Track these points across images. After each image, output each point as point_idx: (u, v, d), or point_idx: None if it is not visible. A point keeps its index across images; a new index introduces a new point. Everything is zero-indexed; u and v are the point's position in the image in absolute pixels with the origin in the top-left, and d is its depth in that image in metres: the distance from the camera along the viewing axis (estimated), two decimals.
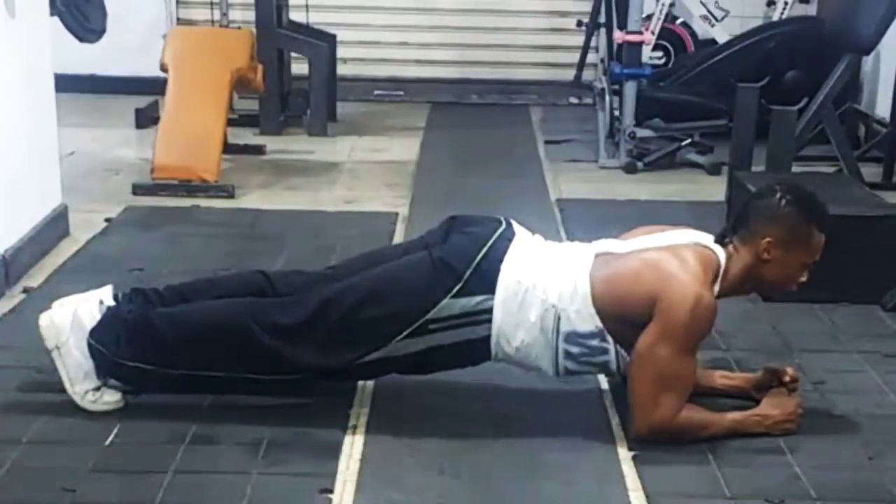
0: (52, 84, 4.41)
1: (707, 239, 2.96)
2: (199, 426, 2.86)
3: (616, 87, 6.13)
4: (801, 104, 5.51)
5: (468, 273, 2.85)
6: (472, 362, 2.97)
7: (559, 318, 2.85)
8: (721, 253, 2.91)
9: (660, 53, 7.43)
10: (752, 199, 3.07)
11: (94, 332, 2.90)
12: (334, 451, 2.77)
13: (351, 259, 3.19)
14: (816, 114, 5.36)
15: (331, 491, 2.60)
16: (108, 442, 2.78)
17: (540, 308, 2.85)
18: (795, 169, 4.84)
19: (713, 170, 5.86)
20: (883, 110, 6.20)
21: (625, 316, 2.83)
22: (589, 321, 2.84)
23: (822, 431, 2.97)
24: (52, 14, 4.56)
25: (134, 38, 7.17)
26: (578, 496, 2.63)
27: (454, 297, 2.84)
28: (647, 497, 2.63)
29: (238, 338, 2.88)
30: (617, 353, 2.88)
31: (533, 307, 2.85)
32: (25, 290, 3.85)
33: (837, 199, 4.13)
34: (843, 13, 5.62)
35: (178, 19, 8.03)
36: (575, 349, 2.87)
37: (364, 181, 5.67)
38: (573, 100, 7.93)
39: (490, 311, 2.85)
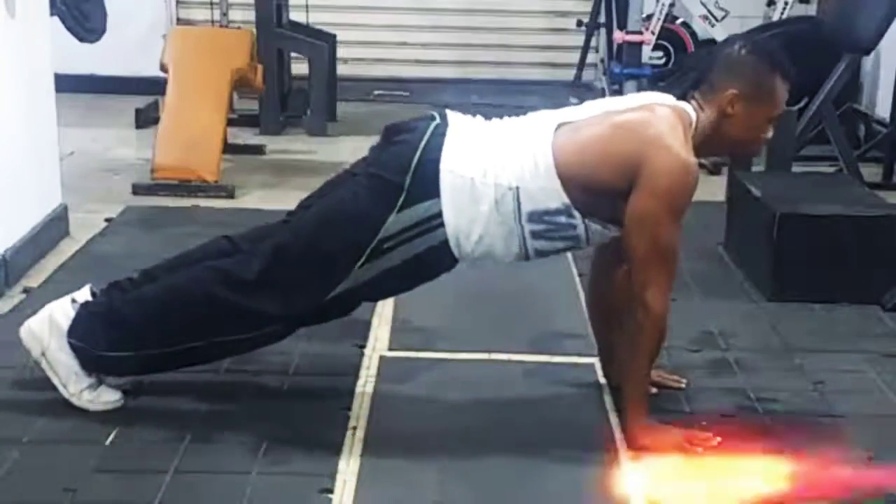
0: (52, 84, 4.41)
1: (671, 99, 2.86)
2: (199, 426, 2.86)
3: (616, 87, 6.13)
4: (801, 104, 5.51)
5: (407, 182, 2.74)
6: (439, 270, 2.86)
7: (519, 199, 2.73)
8: (691, 111, 2.82)
9: (660, 53, 7.43)
10: (713, 52, 2.98)
11: (72, 331, 2.89)
12: (334, 451, 2.77)
13: (303, 199, 3.06)
14: (816, 114, 5.37)
15: (331, 491, 2.60)
16: (108, 442, 2.78)
17: (493, 194, 2.73)
18: (795, 169, 4.84)
19: (713, 170, 5.86)
20: (883, 110, 6.20)
21: (596, 185, 2.73)
22: (554, 197, 2.73)
23: (822, 431, 2.96)
24: (52, 14, 4.56)
25: (134, 38, 7.18)
26: (578, 496, 2.63)
27: (399, 210, 2.74)
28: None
29: (203, 304, 2.83)
30: (586, 226, 2.78)
31: (484, 197, 2.73)
32: (25, 290, 3.85)
33: (837, 199, 4.15)
34: (842, 13, 5.62)
35: (178, 19, 8.03)
36: (540, 226, 2.76)
37: None
38: (573, 100, 7.91)
39: (440, 214, 2.74)
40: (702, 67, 2.91)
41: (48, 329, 2.90)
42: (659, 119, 2.75)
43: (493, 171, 2.75)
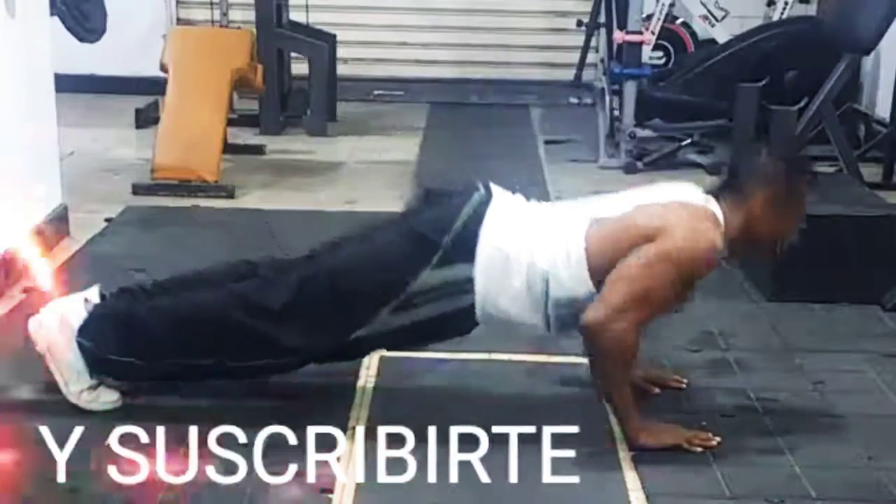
0: (52, 84, 4.41)
1: (701, 195, 2.91)
2: (199, 426, 2.85)
3: (616, 87, 6.13)
4: (801, 104, 5.52)
5: (446, 243, 2.81)
6: (459, 332, 2.93)
7: (548, 285, 2.80)
8: (718, 210, 2.87)
9: (660, 53, 7.44)
10: (738, 160, 3.05)
11: (82, 331, 2.90)
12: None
13: (330, 239, 3.10)
14: (816, 114, 5.36)
15: (331, 491, 2.60)
16: (107, 442, 2.78)
17: (526, 274, 2.80)
18: None
19: (713, 170, 5.86)
20: (883, 110, 6.21)
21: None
22: (582, 285, 2.79)
23: (822, 431, 2.97)
24: (52, 14, 4.56)
25: (134, 38, 7.18)
26: (578, 496, 2.63)
27: (434, 268, 2.80)
28: (647, 497, 2.62)
29: (222, 324, 2.87)
30: None
31: (517, 273, 2.80)
32: (25, 291, 3.85)
33: (837, 199, 4.14)
34: (842, 13, 5.62)
35: (178, 19, 8.03)
36: (566, 312, 2.82)
37: (364, 181, 5.67)
38: (573, 100, 7.93)
39: (471, 280, 2.80)
40: (731, 170, 2.99)
41: (58, 325, 2.91)
42: (684, 211, 2.82)
43: (528, 252, 2.81)
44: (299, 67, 7.05)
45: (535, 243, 2.83)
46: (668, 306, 2.84)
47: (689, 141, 6.13)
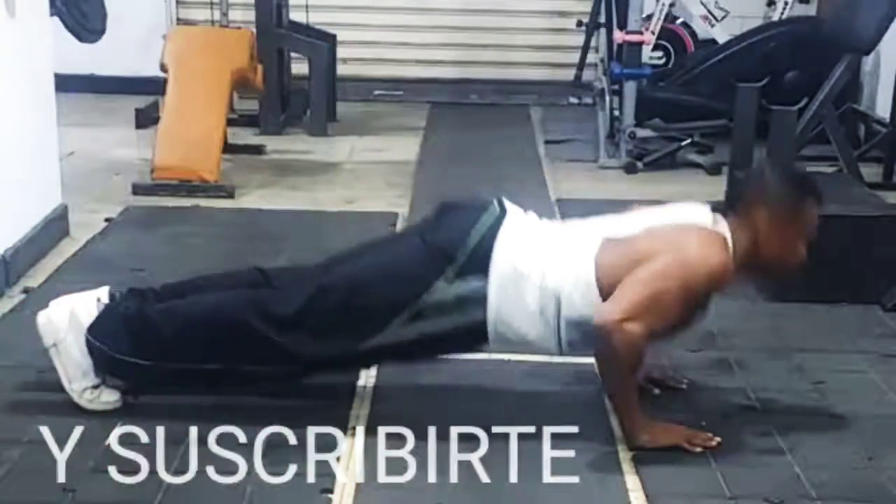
0: (52, 84, 4.41)
1: (709, 218, 2.92)
2: (199, 426, 2.85)
3: (616, 87, 6.13)
4: (801, 104, 5.51)
5: (461, 257, 2.83)
6: (469, 348, 2.96)
7: (560, 305, 2.82)
8: (727, 232, 2.88)
9: (660, 53, 7.43)
10: (742, 179, 3.05)
11: (92, 329, 2.90)
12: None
13: (345, 249, 3.13)
14: (816, 114, 5.36)
15: (331, 491, 2.60)
16: (107, 442, 2.78)
17: (538, 294, 2.82)
18: None
19: (713, 170, 5.86)
20: (883, 110, 6.20)
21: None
22: (593, 307, 2.80)
23: (822, 431, 2.97)
24: (52, 14, 4.56)
25: (134, 38, 7.17)
26: (578, 496, 2.63)
27: (449, 281, 2.82)
28: (647, 497, 2.63)
29: (234, 329, 2.88)
30: None
31: (530, 293, 2.82)
32: (25, 290, 3.85)
33: (837, 199, 4.14)
34: (842, 13, 5.62)
35: (178, 19, 8.03)
36: (577, 335, 2.85)
37: (364, 181, 5.67)
38: (573, 100, 7.93)
39: (485, 296, 2.82)
40: (737, 191, 3.01)
41: (68, 322, 2.91)
42: (695, 233, 2.84)
43: (540, 272, 2.82)
44: (299, 67, 7.05)
45: (547, 263, 2.84)
46: (680, 319, 2.84)
47: (689, 141, 6.13)
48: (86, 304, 2.94)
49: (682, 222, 2.91)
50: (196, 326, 2.92)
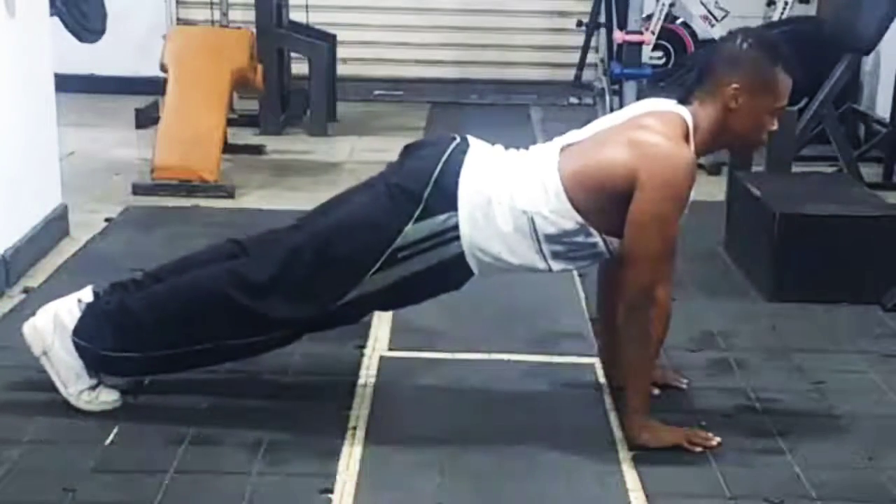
0: (52, 84, 4.41)
1: (667, 103, 2.88)
2: (199, 426, 2.86)
3: (616, 87, 6.13)
4: (802, 104, 5.51)
5: (426, 193, 2.78)
6: (455, 283, 2.90)
7: (534, 223, 2.78)
8: (685, 112, 2.83)
9: (660, 53, 7.43)
10: (715, 48, 2.99)
11: (77, 331, 2.90)
12: (334, 452, 2.77)
13: (315, 207, 3.08)
14: (816, 114, 5.37)
15: (331, 491, 2.60)
16: (108, 442, 2.78)
17: (509, 215, 2.77)
18: (795, 169, 4.84)
19: (713, 170, 5.86)
20: (883, 110, 6.20)
21: (605, 203, 2.75)
22: (568, 218, 2.77)
23: (822, 431, 2.97)
24: (52, 14, 4.56)
25: (134, 38, 7.18)
26: (578, 496, 2.63)
27: (417, 220, 2.77)
28: (647, 497, 2.62)
29: (213, 305, 2.85)
30: (605, 241, 2.80)
31: (500, 215, 2.77)
32: (25, 290, 3.85)
33: (837, 199, 4.15)
34: (843, 13, 5.62)
35: (178, 19, 8.04)
36: (560, 248, 2.81)
37: None
38: (573, 100, 7.93)
39: (456, 227, 2.77)
40: (704, 62, 2.92)
41: (52, 327, 2.91)
42: (646, 126, 2.78)
43: (508, 194, 2.79)
44: (299, 67, 7.05)
45: (513, 183, 2.80)
46: (676, 240, 2.81)
47: None
48: (68, 307, 2.93)
49: (633, 115, 2.86)
50: (175, 309, 2.88)
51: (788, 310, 3.82)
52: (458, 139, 2.92)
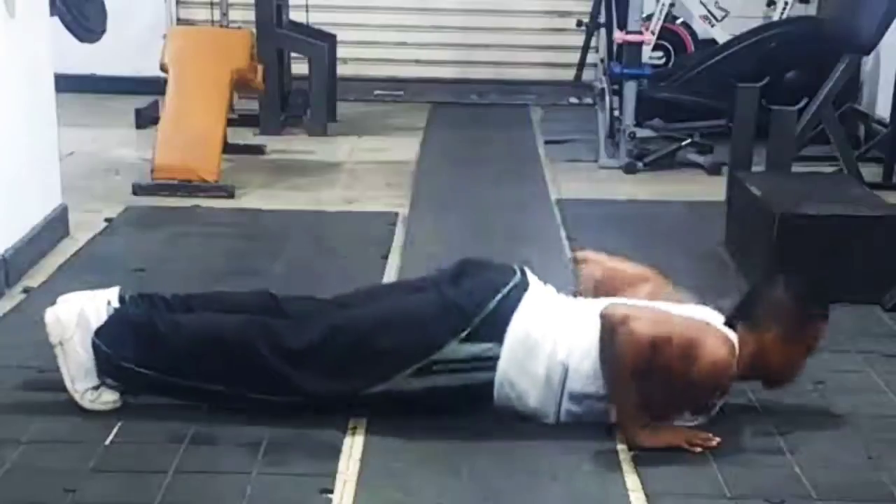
0: (52, 84, 4.41)
1: (718, 320, 2.95)
2: (199, 426, 2.86)
3: (616, 87, 6.13)
4: (801, 104, 5.51)
5: (478, 319, 2.85)
6: (473, 406, 2.94)
7: (567, 374, 2.85)
8: (735, 338, 2.89)
9: (660, 53, 7.43)
10: (757, 289, 3.08)
11: (100, 332, 2.90)
12: (334, 452, 2.77)
13: (361, 289, 3.17)
14: (816, 114, 5.36)
15: (331, 491, 2.60)
16: (108, 442, 2.78)
17: (547, 362, 2.85)
18: (795, 169, 4.84)
19: (713, 170, 5.86)
20: (883, 110, 6.20)
21: (644, 373, 2.78)
22: (597, 381, 2.84)
23: (822, 431, 2.97)
24: (52, 14, 4.56)
25: (134, 38, 7.17)
26: (578, 496, 2.63)
27: (462, 341, 2.85)
28: (647, 497, 2.62)
29: (243, 355, 2.88)
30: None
31: (540, 361, 2.85)
32: (25, 290, 3.85)
33: (837, 199, 4.14)
34: (842, 13, 5.62)
35: (178, 19, 8.04)
36: (576, 408, 2.88)
37: (364, 181, 5.67)
38: (573, 100, 7.93)
39: (496, 358, 2.85)
40: (748, 301, 3.00)
41: (76, 321, 2.90)
42: (709, 328, 2.86)
43: (553, 340, 2.85)
44: (299, 67, 7.05)
45: (559, 333, 2.87)
46: (677, 392, 2.83)
47: (689, 141, 6.13)
48: (96, 306, 2.93)
49: (697, 316, 2.92)
50: (206, 345, 2.91)
51: None
52: (520, 275, 2.98)
